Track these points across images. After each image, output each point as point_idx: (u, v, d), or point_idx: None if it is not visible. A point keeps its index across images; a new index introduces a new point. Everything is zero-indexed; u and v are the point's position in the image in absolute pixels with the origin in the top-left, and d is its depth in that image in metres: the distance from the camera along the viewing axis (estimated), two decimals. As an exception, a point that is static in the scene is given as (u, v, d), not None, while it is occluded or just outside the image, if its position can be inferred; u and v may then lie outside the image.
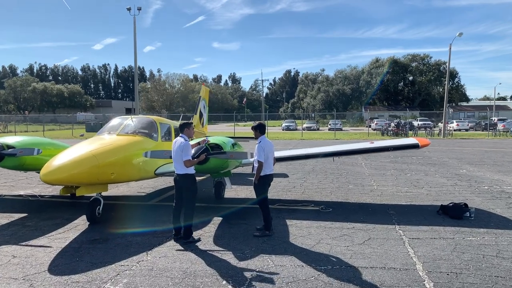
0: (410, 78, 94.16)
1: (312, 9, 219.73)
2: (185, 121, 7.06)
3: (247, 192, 11.00)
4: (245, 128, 60.67)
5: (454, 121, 54.00)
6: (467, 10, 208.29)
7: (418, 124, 51.48)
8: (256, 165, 6.99)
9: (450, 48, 37.87)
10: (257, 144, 7.01)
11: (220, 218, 8.23)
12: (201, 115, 15.58)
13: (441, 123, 49.76)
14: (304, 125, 51.68)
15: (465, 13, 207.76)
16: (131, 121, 9.46)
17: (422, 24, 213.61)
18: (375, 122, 53.78)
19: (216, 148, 7.96)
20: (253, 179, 7.12)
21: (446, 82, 41.53)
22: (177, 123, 12.24)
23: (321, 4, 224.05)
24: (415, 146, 8.76)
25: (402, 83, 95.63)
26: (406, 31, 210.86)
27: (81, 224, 7.88)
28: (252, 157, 7.58)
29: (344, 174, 14.25)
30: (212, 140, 8.15)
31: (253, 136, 7.37)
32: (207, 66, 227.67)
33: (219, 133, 43.34)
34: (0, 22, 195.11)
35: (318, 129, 56.17)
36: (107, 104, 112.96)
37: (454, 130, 47.09)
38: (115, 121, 9.67)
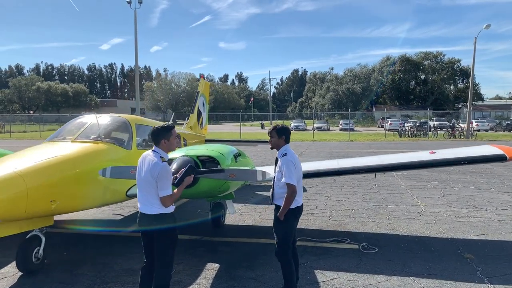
0: (422, 76, 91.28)
1: (318, 8, 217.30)
2: (162, 125, 4.23)
3: (257, 214, 8.34)
4: (252, 128, 58.03)
5: (473, 121, 50.76)
6: (476, 9, 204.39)
7: (434, 124, 48.48)
8: (281, 191, 4.39)
9: (475, 42, 34.80)
10: (282, 158, 4.40)
11: (217, 266, 5.57)
12: (199, 114, 12.90)
13: (458, 123, 46.91)
14: (314, 125, 48.88)
15: (473, 12, 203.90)
16: (96, 122, 6.83)
17: (430, 23, 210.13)
18: (389, 122, 50.92)
19: (210, 164, 5.33)
20: (275, 211, 4.49)
21: (470, 78, 38.34)
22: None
23: (327, 3, 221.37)
24: (500, 159, 5.98)
25: (413, 81, 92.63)
26: (414, 30, 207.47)
27: (11, 274, 5.29)
28: (264, 177, 4.92)
29: (376, 187, 11.52)
30: (204, 150, 5.51)
31: (262, 139, 4.76)
32: (214, 66, 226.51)
33: (224, 134, 40.72)
34: (9, 23, 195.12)
35: (328, 129, 53.30)
36: (112, 103, 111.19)
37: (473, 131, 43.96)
38: (75, 122, 7.06)
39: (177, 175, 4.36)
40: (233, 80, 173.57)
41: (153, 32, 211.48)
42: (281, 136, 4.51)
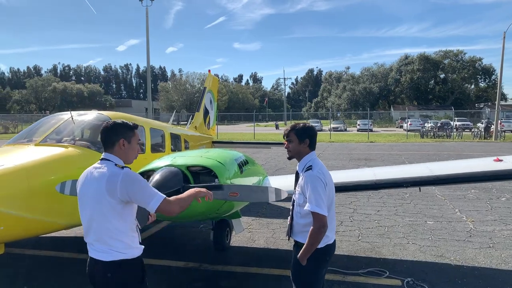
0: (442, 75, 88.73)
1: (333, 8, 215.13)
2: (121, 120, 2.83)
3: (269, 232, 6.92)
4: (266, 129, 56.60)
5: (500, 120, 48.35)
6: (495, 7, 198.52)
7: (456, 125, 46.28)
8: (304, 221, 3.01)
9: (504, 37, 32.71)
10: (305, 174, 2.99)
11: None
12: (206, 113, 11.52)
13: (481, 123, 44.49)
14: (331, 126, 47.17)
15: (492, 10, 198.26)
16: (71, 121, 5.53)
17: (447, 22, 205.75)
18: (409, 123, 48.89)
19: (205, 177, 3.95)
20: (295, 250, 3.11)
21: (499, 75, 36.02)
22: (168, 127, 8.32)
23: (342, 3, 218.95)
24: None
25: (432, 81, 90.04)
26: (430, 30, 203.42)
27: None
28: (279, 197, 3.52)
29: (407, 196, 9.97)
30: (196, 158, 4.13)
31: (277, 141, 3.52)
32: (229, 66, 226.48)
33: (236, 135, 39.36)
34: (28, 25, 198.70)
35: (345, 130, 51.48)
36: (127, 103, 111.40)
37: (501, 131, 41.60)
38: (46, 121, 5.78)
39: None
40: (247, 80, 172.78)
41: (169, 33, 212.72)
42: (303, 140, 3.09)
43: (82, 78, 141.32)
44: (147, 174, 4.05)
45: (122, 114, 6.46)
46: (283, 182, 5.07)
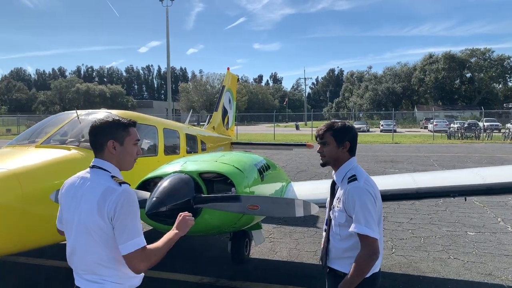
0: (468, 75, 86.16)
1: (354, 7, 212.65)
2: (113, 117, 2.25)
3: (293, 243, 6.31)
4: (286, 130, 55.87)
5: (531, 121, 46.22)
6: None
7: (484, 126, 44.45)
8: (345, 245, 2.45)
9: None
10: (350, 186, 2.40)
11: None
12: (225, 112, 10.98)
13: (510, 124, 42.51)
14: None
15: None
16: (77, 121, 5.08)
17: (473, 20, 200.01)
18: (435, 123, 47.31)
19: (220, 185, 3.40)
20: (329, 279, 2.53)
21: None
22: (184, 127, 7.82)
23: (364, 2, 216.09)
24: None
25: (458, 80, 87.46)
26: (455, 28, 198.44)
27: None
28: (308, 211, 2.93)
29: (441, 203, 9.14)
30: (210, 163, 3.58)
31: (298, 142, 2.97)
32: (249, 67, 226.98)
33: (256, 135, 38.80)
34: (53, 28, 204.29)
35: (368, 131, 50.25)
36: (148, 104, 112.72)
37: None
38: (51, 120, 5.35)
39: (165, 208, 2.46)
40: (267, 81, 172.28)
41: (189, 35, 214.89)
42: (342, 143, 2.50)
43: (105, 79, 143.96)
44: (154, 181, 3.54)
45: (132, 113, 5.99)
46: (309, 190, 4.47)
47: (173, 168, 3.51)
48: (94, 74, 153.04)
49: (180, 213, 2.27)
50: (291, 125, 68.62)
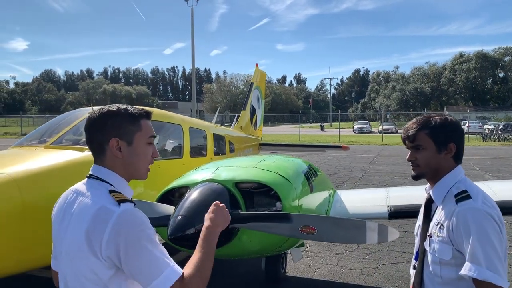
0: (501, 74, 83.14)
1: (379, 7, 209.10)
2: (104, 109, 1.54)
3: (334, 258, 5.56)
4: (311, 131, 54.85)
5: None
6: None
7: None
8: None
9: None
10: (460, 207, 1.66)
11: None
12: (253, 111, 10.32)
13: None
14: (382, 127, 44.70)
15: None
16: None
17: (503, 17, 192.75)
18: (467, 125, 45.40)
19: (261, 199, 2.71)
20: None
21: None
22: (211, 126, 7.20)
23: (388, 2, 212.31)
24: None
25: (490, 80, 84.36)
26: (484, 27, 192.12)
27: None
28: (384, 238, 2.20)
29: None
30: (249, 170, 2.88)
31: (330, 144, 2.16)
32: (272, 68, 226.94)
33: (282, 136, 37.92)
34: (82, 32, 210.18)
35: (397, 132, 48.67)
36: (173, 105, 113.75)
37: None
38: (65, 118, 4.81)
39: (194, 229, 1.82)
40: (291, 81, 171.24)
41: (213, 36, 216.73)
42: (445, 146, 1.80)
43: (131, 80, 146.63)
44: (179, 192, 2.89)
45: (155, 109, 5.39)
46: (363, 201, 3.71)
47: (203, 175, 2.84)
48: (120, 75, 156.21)
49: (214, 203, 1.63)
50: (315, 126, 67.50)
